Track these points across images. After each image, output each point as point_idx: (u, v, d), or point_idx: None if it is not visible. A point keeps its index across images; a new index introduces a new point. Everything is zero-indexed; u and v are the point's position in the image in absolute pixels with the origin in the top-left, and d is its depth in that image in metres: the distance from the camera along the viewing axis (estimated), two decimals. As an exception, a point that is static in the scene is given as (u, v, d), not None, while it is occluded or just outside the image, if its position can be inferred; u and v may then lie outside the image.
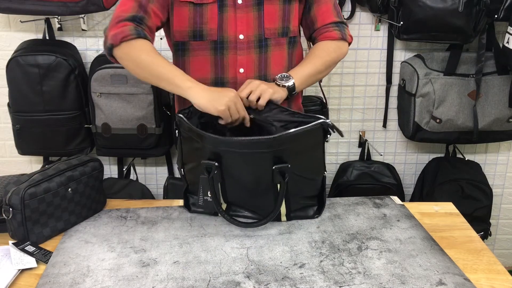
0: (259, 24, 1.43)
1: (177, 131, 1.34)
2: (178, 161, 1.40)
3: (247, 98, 1.35)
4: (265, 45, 1.46)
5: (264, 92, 1.35)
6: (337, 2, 1.58)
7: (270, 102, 1.36)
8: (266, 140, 1.21)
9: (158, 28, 1.45)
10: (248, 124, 1.36)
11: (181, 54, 1.47)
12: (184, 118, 1.29)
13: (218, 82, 1.46)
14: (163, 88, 1.37)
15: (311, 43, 1.59)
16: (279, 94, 1.38)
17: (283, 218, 1.35)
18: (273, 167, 1.23)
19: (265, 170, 1.25)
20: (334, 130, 1.28)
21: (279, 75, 1.43)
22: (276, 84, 1.41)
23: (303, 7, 1.52)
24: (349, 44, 1.55)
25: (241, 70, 1.45)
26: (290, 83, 1.41)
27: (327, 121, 1.27)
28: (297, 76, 1.43)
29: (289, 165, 1.24)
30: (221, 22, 1.41)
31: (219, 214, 1.37)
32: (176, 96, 1.55)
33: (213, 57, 1.44)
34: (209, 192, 1.29)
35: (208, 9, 1.40)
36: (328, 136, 1.30)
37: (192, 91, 1.30)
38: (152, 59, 1.34)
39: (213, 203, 1.29)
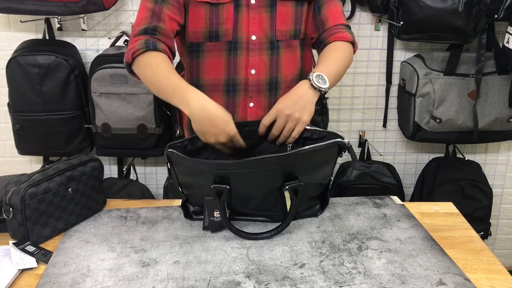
0: (271, 25, 1.41)
1: (168, 164, 1.28)
2: (173, 182, 1.35)
3: (279, 132, 1.29)
4: (276, 47, 1.43)
5: (299, 124, 1.28)
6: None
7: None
8: (277, 159, 1.17)
9: (177, 32, 1.40)
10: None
11: (195, 56, 1.44)
12: (177, 153, 1.23)
13: (231, 83, 1.44)
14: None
15: (319, 44, 1.50)
16: (311, 116, 1.31)
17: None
18: (286, 186, 1.21)
19: (274, 187, 1.23)
20: (349, 150, 1.25)
21: (314, 73, 1.32)
22: (312, 85, 1.31)
23: (312, 9, 1.48)
24: (354, 52, 1.49)
25: (253, 72, 1.42)
26: (325, 86, 1.32)
27: (344, 141, 1.23)
28: (329, 77, 1.34)
29: (302, 183, 1.21)
30: (236, 23, 1.39)
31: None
32: None
33: (227, 57, 1.42)
34: (215, 213, 1.26)
35: (224, 9, 1.37)
36: (343, 153, 1.26)
37: (190, 113, 1.26)
38: (154, 74, 1.29)
39: (224, 222, 1.25)
